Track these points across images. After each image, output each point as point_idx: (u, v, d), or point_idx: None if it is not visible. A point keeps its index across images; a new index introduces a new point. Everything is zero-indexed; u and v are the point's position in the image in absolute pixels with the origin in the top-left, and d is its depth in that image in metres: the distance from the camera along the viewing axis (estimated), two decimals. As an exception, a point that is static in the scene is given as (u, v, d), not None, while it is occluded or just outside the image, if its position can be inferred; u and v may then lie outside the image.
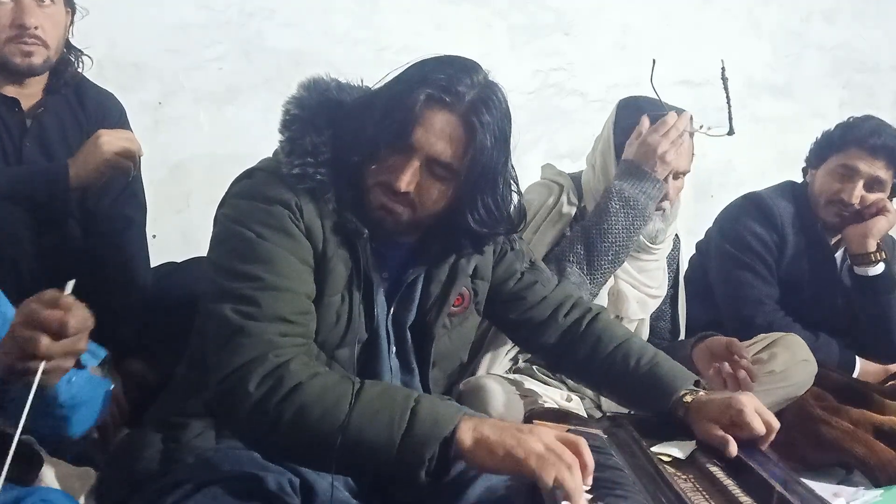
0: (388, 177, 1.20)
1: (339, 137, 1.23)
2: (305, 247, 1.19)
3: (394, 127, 1.18)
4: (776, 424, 1.32)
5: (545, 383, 1.75)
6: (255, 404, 1.06)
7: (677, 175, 1.80)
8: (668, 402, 1.39)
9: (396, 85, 1.22)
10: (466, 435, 1.02)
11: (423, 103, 1.18)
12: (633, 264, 1.86)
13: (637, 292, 1.87)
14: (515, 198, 1.32)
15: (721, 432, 1.30)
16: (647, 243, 1.84)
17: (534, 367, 1.78)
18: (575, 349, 1.49)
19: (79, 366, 1.02)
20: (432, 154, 1.20)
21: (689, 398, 1.38)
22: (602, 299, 1.82)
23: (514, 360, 1.79)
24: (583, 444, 1.03)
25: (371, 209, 1.23)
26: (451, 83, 1.19)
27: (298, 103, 1.25)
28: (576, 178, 1.92)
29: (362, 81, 1.32)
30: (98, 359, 1.08)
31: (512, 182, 1.30)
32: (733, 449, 1.27)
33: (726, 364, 1.63)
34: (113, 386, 1.13)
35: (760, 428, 1.29)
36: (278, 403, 1.05)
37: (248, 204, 1.20)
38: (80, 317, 0.89)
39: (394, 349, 1.34)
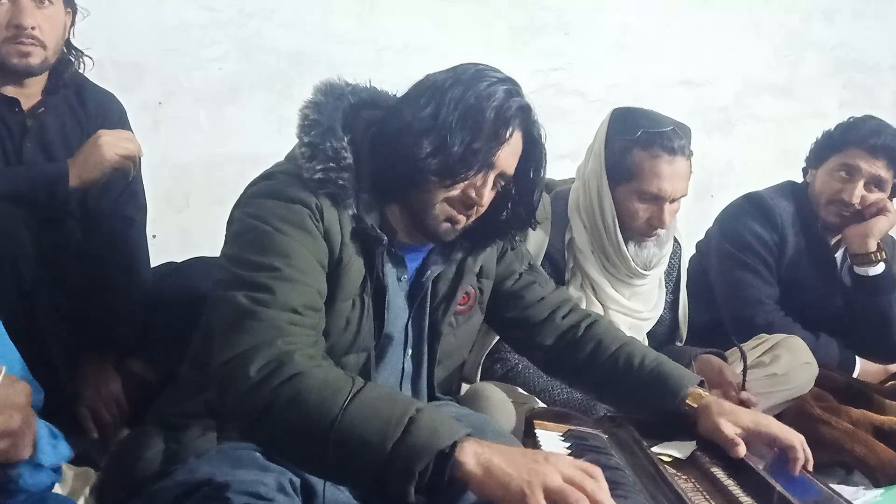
0: (465, 193, 1.23)
1: (381, 151, 1.24)
2: (322, 247, 1.19)
3: (483, 154, 1.21)
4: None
5: None
6: (252, 386, 1.05)
7: (673, 200, 1.75)
8: (676, 399, 1.38)
9: (465, 104, 1.21)
10: (469, 458, 0.97)
11: (513, 130, 1.23)
12: (625, 290, 1.83)
13: (630, 319, 1.84)
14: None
15: (734, 433, 1.30)
16: (641, 270, 1.80)
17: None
18: (575, 351, 1.49)
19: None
20: (504, 170, 1.26)
21: (700, 395, 1.38)
22: None
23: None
24: (599, 476, 1.00)
25: (435, 222, 1.25)
26: (524, 102, 1.25)
27: (317, 108, 1.24)
28: (560, 198, 1.86)
29: (370, 82, 1.32)
30: (63, 458, 1.02)
31: None
32: (742, 451, 1.28)
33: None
34: None
35: (794, 438, 1.31)
36: (276, 388, 1.04)
37: (268, 202, 1.19)
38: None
39: (410, 351, 1.35)
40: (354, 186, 1.22)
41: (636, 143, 1.72)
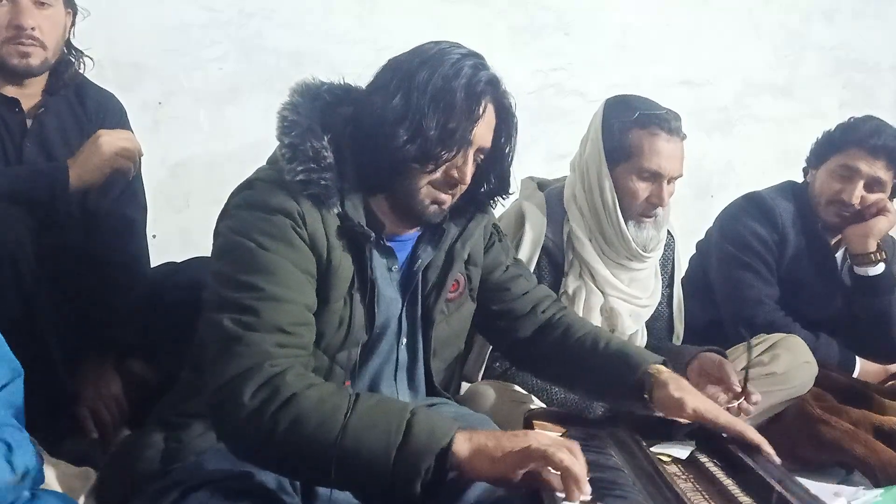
0: (448, 174, 1.24)
1: (360, 145, 1.24)
2: (308, 257, 1.19)
3: (460, 133, 1.21)
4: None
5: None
6: (249, 415, 1.05)
7: (670, 180, 1.77)
8: (636, 375, 1.36)
9: (434, 86, 1.20)
10: (463, 446, 1.02)
11: (486, 104, 1.24)
12: (625, 275, 1.83)
13: (629, 306, 1.84)
14: None
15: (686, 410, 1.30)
16: (641, 252, 1.81)
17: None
18: (544, 338, 1.49)
19: None
20: (482, 145, 1.27)
21: (660, 370, 1.36)
22: (595, 317, 1.79)
23: None
24: (577, 450, 1.03)
25: (422, 207, 1.26)
26: (492, 74, 1.25)
27: (295, 109, 1.24)
28: (554, 194, 1.87)
29: (343, 79, 1.33)
30: (26, 467, 1.03)
31: None
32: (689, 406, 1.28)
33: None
34: None
35: (743, 428, 1.30)
36: (273, 414, 1.05)
37: (249, 214, 1.19)
38: None
39: (404, 341, 1.35)
40: (338, 185, 1.22)
41: (634, 123, 1.75)
